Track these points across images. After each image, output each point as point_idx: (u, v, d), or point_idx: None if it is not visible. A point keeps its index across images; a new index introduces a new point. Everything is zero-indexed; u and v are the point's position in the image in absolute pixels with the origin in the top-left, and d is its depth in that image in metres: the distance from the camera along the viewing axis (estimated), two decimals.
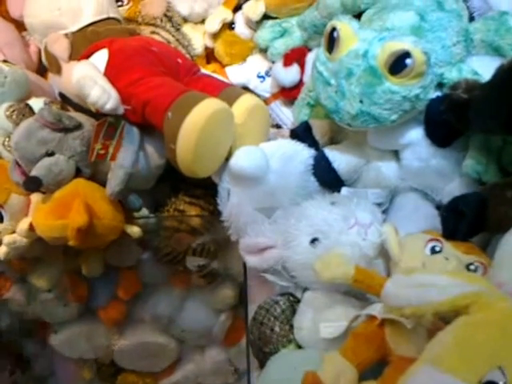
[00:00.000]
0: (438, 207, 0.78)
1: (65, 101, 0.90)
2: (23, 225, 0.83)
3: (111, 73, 0.81)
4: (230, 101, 0.79)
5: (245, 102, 0.80)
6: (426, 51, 0.68)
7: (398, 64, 0.67)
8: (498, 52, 0.77)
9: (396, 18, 0.75)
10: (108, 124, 0.81)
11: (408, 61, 0.67)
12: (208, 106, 0.73)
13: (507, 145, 0.73)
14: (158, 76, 0.81)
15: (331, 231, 0.69)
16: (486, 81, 0.67)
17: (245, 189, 0.77)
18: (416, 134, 0.75)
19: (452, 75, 0.74)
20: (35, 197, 0.86)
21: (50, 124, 0.80)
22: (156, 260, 0.94)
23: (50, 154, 0.81)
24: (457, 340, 0.49)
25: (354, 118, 0.72)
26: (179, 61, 0.86)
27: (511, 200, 0.66)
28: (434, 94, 0.73)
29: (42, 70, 1.04)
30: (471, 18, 0.82)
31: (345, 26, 0.71)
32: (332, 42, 0.71)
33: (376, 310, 0.62)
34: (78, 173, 0.84)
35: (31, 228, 0.83)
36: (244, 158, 0.76)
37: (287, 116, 1.00)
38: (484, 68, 0.75)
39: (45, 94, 0.95)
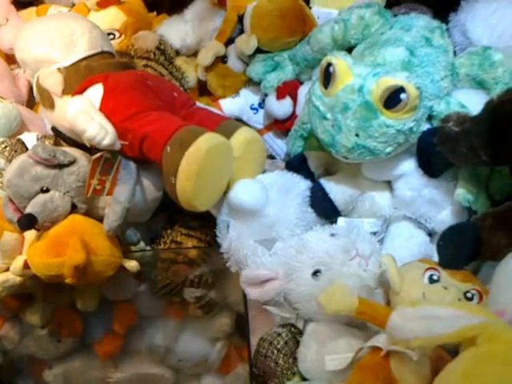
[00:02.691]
0: (430, 234, 0.81)
1: (58, 135, 0.89)
2: (17, 263, 0.81)
3: (107, 108, 0.81)
4: (228, 134, 0.80)
5: (242, 135, 0.81)
6: (419, 86, 0.71)
7: (393, 99, 0.70)
8: (481, 85, 0.81)
9: (387, 53, 0.79)
10: (104, 159, 0.80)
11: (402, 96, 0.70)
12: (207, 141, 0.74)
13: (494, 174, 0.76)
14: (155, 110, 0.81)
15: (333, 263, 0.70)
16: (475, 114, 0.70)
17: (244, 221, 0.78)
18: (408, 165, 0.78)
19: (441, 108, 0.78)
20: (29, 234, 0.84)
21: (44, 161, 0.79)
22: (153, 292, 0.93)
23: (45, 191, 0.80)
24: (465, 373, 0.50)
25: (350, 151, 0.74)
26: (175, 94, 0.87)
27: (503, 229, 0.69)
28: (425, 126, 0.77)
29: (31, 103, 1.03)
30: (453, 53, 0.86)
31: (340, 62, 0.73)
32: (328, 78, 0.74)
33: (380, 341, 0.63)
34: (73, 208, 0.82)
35: (26, 266, 0.81)
36: (243, 192, 0.77)
37: (280, 147, 1.02)
38: (469, 101, 0.79)
39: (36, 128, 0.94)
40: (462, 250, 0.70)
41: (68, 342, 0.97)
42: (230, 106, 1.05)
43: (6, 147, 0.86)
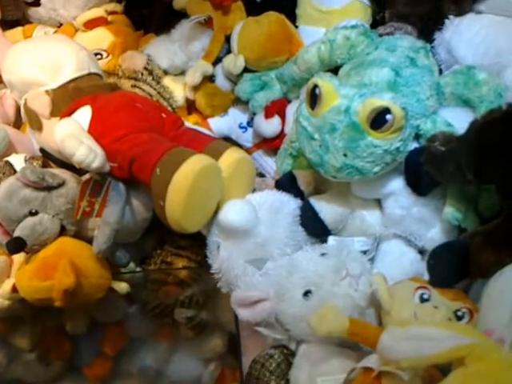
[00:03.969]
0: (421, 252, 0.81)
1: (46, 156, 0.89)
2: (6, 286, 0.81)
3: (95, 130, 0.81)
4: (216, 155, 0.80)
5: (231, 155, 0.81)
6: (404, 107, 0.71)
7: (379, 120, 0.70)
8: (467, 103, 0.82)
9: (373, 73, 0.80)
10: (94, 181, 0.80)
11: (388, 116, 0.70)
12: (196, 163, 0.74)
13: (482, 192, 0.77)
14: (144, 132, 0.81)
15: (324, 283, 0.70)
16: (461, 134, 0.71)
17: (235, 241, 0.78)
18: (397, 184, 0.78)
19: (427, 127, 0.79)
20: (18, 257, 0.84)
21: (33, 183, 0.79)
22: (144, 313, 0.93)
23: (34, 214, 0.79)
24: None
25: (338, 171, 0.74)
26: (163, 115, 0.87)
27: (491, 247, 0.70)
28: (412, 145, 0.77)
29: (18, 123, 1.03)
30: (439, 70, 0.88)
31: (326, 84, 0.73)
32: (314, 99, 0.74)
33: (372, 361, 0.63)
34: (63, 231, 0.82)
35: (14, 289, 0.80)
36: (233, 213, 0.76)
37: (270, 165, 1.02)
38: (455, 118, 0.80)
39: (24, 148, 0.93)
40: (452, 268, 0.71)
41: (57, 366, 0.96)
42: (218, 124, 1.06)
43: None
